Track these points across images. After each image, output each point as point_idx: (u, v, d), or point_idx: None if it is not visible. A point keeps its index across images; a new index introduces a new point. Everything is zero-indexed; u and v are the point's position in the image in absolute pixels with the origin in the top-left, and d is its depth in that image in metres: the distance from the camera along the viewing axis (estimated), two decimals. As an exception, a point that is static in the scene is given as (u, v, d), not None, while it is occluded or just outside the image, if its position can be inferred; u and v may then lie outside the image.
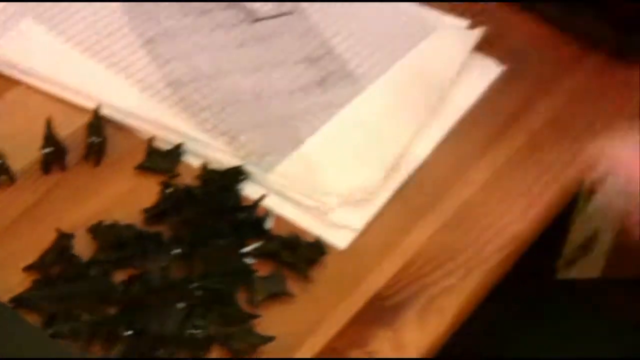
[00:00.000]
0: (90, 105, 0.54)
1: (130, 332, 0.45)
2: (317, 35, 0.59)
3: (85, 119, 0.55)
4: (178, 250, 0.49)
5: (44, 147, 0.52)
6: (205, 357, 0.46)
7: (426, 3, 0.65)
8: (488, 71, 0.57)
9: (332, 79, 0.57)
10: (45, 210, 0.51)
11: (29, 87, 0.58)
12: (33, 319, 0.45)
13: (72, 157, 0.53)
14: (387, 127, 0.55)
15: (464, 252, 0.51)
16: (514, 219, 0.53)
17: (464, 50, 0.58)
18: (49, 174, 0.52)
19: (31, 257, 0.48)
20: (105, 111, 0.54)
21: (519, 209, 0.54)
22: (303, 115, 0.56)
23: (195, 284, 0.48)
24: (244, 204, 0.52)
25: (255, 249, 0.51)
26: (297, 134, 0.55)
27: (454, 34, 0.61)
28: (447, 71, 0.57)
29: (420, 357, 0.50)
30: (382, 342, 0.48)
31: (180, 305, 0.48)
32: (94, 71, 0.56)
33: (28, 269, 0.47)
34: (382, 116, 0.55)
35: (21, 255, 0.48)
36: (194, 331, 0.47)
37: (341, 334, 0.49)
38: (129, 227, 0.49)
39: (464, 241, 0.52)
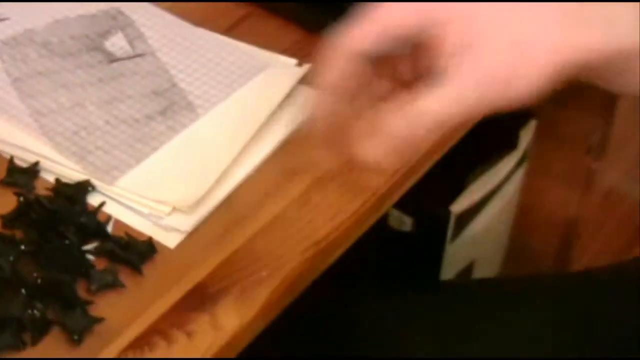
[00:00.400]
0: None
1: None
2: (165, 72, 0.67)
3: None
4: (26, 248, 0.58)
5: None
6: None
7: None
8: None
9: (173, 108, 0.64)
10: None
11: None
12: None
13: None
14: (214, 149, 0.62)
15: (274, 252, 0.59)
16: (320, 226, 0.61)
17: (288, 85, 0.67)
18: None
19: None
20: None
21: (326, 217, 0.61)
22: (146, 139, 0.63)
23: (39, 275, 0.58)
24: (89, 211, 0.59)
25: (95, 248, 0.58)
26: (139, 154, 0.63)
27: (282, 71, 0.68)
28: (270, 103, 0.65)
29: (235, 335, 0.59)
30: (201, 324, 0.56)
31: (24, 292, 0.56)
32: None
33: None
34: (210, 140, 0.62)
35: None
36: (35, 313, 0.55)
37: (165, 317, 0.57)
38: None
39: (275, 243, 0.59)
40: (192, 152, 0.63)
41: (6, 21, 0.70)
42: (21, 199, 0.59)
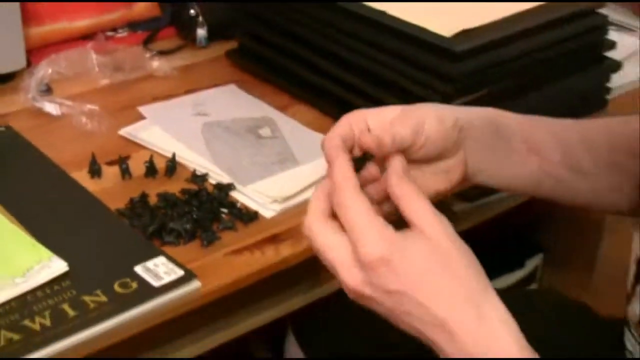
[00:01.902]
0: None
1: None
2: (287, 146, 1.16)
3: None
4: (196, 208, 1.06)
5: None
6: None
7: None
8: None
9: (287, 161, 1.13)
10: None
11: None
12: None
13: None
14: (300, 180, 1.08)
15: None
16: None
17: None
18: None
19: None
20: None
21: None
22: (267, 171, 1.07)
23: (197, 215, 1.05)
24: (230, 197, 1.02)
25: (227, 211, 1.04)
26: (261, 176, 1.04)
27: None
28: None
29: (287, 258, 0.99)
30: (273, 250, 0.94)
31: (186, 220, 1.04)
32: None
33: None
34: (299, 175, 1.06)
35: None
36: (189, 228, 1.02)
37: (256, 244, 0.95)
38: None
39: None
40: (288, 178, 1.06)
41: (207, 116, 1.20)
42: (196, 188, 1.03)
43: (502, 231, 1.46)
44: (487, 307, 0.71)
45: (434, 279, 0.71)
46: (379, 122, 0.84)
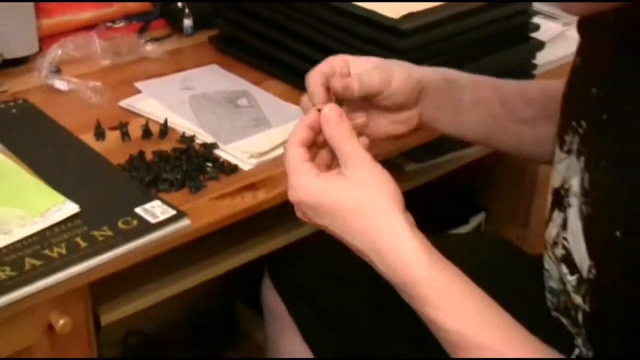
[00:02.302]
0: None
1: None
2: (262, 113, 1.29)
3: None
4: (186, 162, 1.18)
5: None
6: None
7: None
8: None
9: (262, 124, 1.26)
10: None
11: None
12: None
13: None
14: (272, 138, 1.22)
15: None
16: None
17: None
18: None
19: None
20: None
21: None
22: (245, 132, 1.22)
23: (186, 166, 1.16)
24: (214, 154, 1.15)
25: (211, 165, 1.19)
26: (240, 136, 1.19)
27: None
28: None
29: (263, 201, 1.13)
30: (250, 195, 1.10)
31: (177, 171, 1.16)
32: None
33: None
34: (271, 136, 1.22)
35: None
36: (179, 178, 1.14)
37: (236, 190, 1.13)
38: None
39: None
40: (263, 138, 1.16)
41: (193, 90, 1.32)
42: (185, 146, 1.15)
43: (449, 191, 1.55)
44: (391, 235, 0.80)
45: (346, 219, 0.82)
46: (358, 69, 0.94)
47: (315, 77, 0.91)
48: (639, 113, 0.75)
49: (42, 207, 0.99)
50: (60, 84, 1.27)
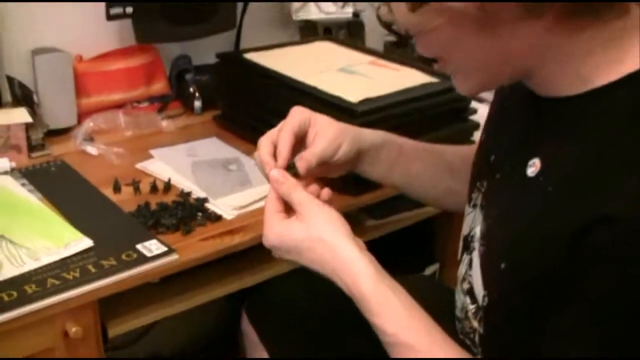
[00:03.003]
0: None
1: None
2: (247, 176, 1.45)
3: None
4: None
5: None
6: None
7: None
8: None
9: (245, 185, 1.42)
10: None
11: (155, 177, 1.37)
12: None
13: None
14: (252, 194, 1.37)
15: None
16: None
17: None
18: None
19: None
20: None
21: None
22: (231, 190, 1.39)
23: (180, 214, 1.32)
24: (205, 206, 1.35)
25: (201, 214, 1.34)
26: (227, 193, 1.37)
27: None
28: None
29: (240, 243, 1.28)
30: (229, 238, 1.26)
31: (172, 216, 1.31)
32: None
33: None
34: (253, 193, 1.38)
35: None
36: (174, 222, 1.29)
37: (217, 235, 1.28)
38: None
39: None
40: (244, 195, 1.31)
41: (196, 157, 1.48)
42: (182, 200, 1.31)
43: (407, 242, 1.66)
44: (344, 258, 0.90)
45: (308, 252, 0.92)
46: (318, 126, 1.04)
47: (265, 144, 1.04)
48: (517, 173, 0.83)
49: (65, 241, 1.15)
50: (91, 150, 1.43)
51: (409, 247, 1.66)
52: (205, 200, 1.29)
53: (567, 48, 0.77)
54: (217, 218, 1.25)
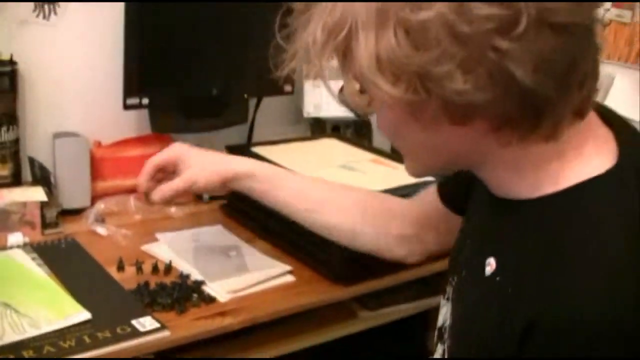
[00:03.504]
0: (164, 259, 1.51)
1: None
2: (243, 260, 1.55)
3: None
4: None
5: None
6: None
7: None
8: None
9: (241, 270, 1.51)
10: None
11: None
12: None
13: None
14: (249, 279, 1.47)
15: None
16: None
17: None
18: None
19: None
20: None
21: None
22: (227, 275, 1.49)
23: (176, 295, 1.41)
24: (202, 289, 1.45)
25: (197, 296, 1.44)
26: (223, 277, 1.47)
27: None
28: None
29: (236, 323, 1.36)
30: (225, 321, 1.37)
31: (168, 296, 1.41)
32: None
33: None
34: (250, 278, 1.48)
35: None
36: (169, 302, 1.39)
37: (215, 314, 1.38)
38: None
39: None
40: (239, 280, 1.42)
41: (198, 242, 1.60)
42: (180, 281, 1.43)
43: (396, 336, 1.73)
44: None
45: None
46: (194, 161, 1.28)
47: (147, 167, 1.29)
48: (478, 272, 0.86)
49: (65, 312, 1.24)
50: (101, 230, 1.54)
51: (398, 336, 1.72)
52: (202, 282, 1.38)
53: (508, 156, 0.80)
54: (212, 300, 1.34)
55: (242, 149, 1.69)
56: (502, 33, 0.68)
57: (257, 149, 1.66)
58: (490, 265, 0.85)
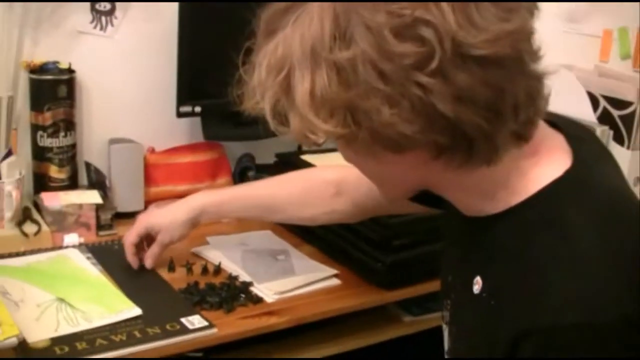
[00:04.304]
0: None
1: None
2: (290, 263, 1.61)
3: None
4: (224, 294, 1.50)
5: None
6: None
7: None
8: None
9: (287, 273, 1.58)
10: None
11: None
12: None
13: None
14: (296, 281, 1.53)
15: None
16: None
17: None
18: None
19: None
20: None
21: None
22: (274, 277, 1.56)
23: (223, 294, 1.48)
24: (249, 289, 1.50)
25: (245, 296, 1.50)
26: (270, 278, 1.54)
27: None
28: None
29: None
30: (263, 320, 1.43)
31: (214, 294, 1.48)
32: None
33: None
34: (296, 281, 1.54)
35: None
36: (217, 300, 1.45)
37: (258, 315, 1.44)
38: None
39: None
40: (286, 282, 1.47)
41: (247, 246, 1.66)
42: (229, 282, 1.48)
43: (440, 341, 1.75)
44: None
45: None
46: (166, 227, 1.44)
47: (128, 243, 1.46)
48: (467, 292, 0.89)
49: (117, 308, 1.32)
50: (153, 233, 1.62)
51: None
52: (250, 284, 1.45)
53: (461, 180, 0.83)
54: (259, 300, 1.40)
55: (292, 157, 1.76)
56: (419, 69, 0.71)
57: (306, 157, 1.72)
58: (478, 283, 0.87)
